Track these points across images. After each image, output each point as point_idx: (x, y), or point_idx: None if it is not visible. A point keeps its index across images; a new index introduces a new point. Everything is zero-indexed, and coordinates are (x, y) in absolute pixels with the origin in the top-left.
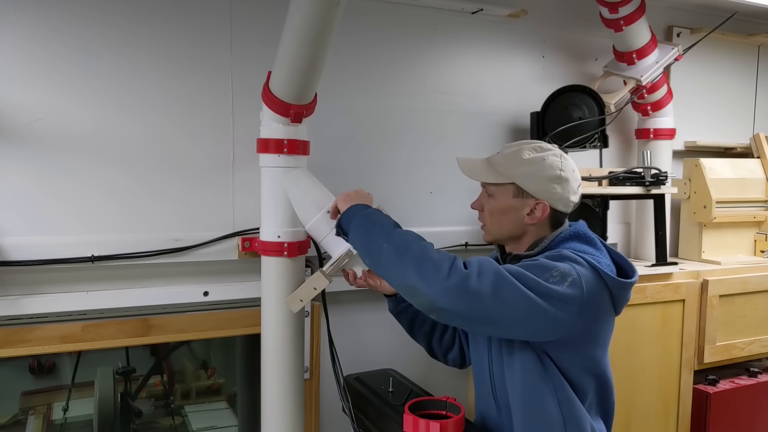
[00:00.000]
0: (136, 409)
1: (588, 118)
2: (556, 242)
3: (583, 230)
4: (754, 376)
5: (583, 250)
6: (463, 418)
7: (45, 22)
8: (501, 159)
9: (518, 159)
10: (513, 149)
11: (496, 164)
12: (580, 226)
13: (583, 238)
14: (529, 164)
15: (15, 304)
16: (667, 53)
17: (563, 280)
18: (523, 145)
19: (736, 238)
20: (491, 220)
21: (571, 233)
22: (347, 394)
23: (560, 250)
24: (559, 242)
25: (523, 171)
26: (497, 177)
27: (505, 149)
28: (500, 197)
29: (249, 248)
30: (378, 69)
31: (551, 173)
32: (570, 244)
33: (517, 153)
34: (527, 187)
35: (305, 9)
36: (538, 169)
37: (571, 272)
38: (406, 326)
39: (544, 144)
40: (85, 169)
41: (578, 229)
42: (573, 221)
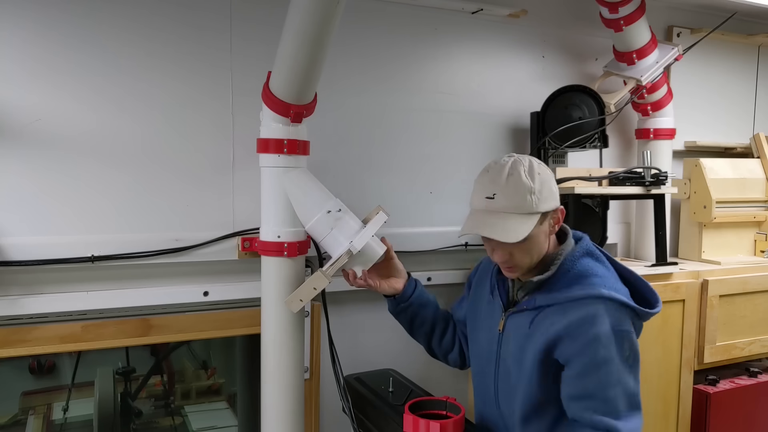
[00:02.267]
0: (136, 409)
1: (588, 118)
2: (571, 261)
3: (591, 248)
4: (754, 376)
5: (594, 272)
6: (463, 418)
7: (45, 22)
8: (514, 202)
9: (529, 189)
10: (512, 186)
11: (514, 210)
12: (588, 244)
13: (594, 256)
14: (540, 186)
15: (15, 304)
16: (667, 53)
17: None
18: (509, 170)
19: (736, 238)
20: (528, 260)
21: (583, 251)
22: (347, 394)
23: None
24: (573, 261)
25: (539, 197)
26: (529, 220)
27: (502, 186)
28: (533, 235)
29: (249, 248)
30: (378, 69)
31: (548, 175)
32: (584, 263)
33: (521, 187)
34: (548, 206)
35: (305, 9)
36: (546, 184)
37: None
38: (406, 326)
39: (512, 161)
40: (85, 169)
41: (588, 247)
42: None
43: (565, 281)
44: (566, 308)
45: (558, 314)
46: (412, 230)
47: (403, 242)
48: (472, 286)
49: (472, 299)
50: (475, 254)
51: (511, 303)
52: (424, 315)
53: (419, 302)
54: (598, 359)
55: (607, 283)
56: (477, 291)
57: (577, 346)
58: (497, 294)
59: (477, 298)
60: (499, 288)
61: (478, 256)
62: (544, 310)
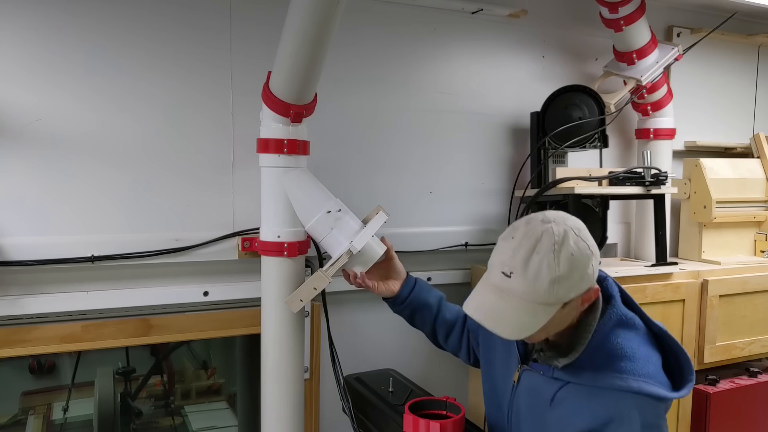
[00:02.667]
0: (136, 409)
1: (588, 118)
2: (600, 337)
3: (623, 312)
4: (754, 376)
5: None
6: (463, 418)
7: (45, 21)
8: (531, 288)
9: (554, 277)
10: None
11: (529, 297)
12: (619, 309)
13: (626, 324)
14: (570, 275)
15: (15, 304)
16: (667, 53)
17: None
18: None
19: (736, 238)
20: (544, 335)
21: (614, 321)
22: (347, 394)
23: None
24: (603, 338)
25: (566, 286)
26: (546, 312)
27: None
28: (551, 321)
29: (249, 248)
30: (378, 69)
31: (586, 261)
32: (614, 339)
33: (545, 272)
34: (576, 294)
35: (305, 9)
36: (578, 272)
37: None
38: (409, 323)
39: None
40: (85, 169)
41: (620, 314)
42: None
43: (591, 361)
44: (593, 397)
45: (584, 402)
46: (412, 230)
47: (403, 242)
48: None
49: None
50: (475, 254)
51: (528, 353)
52: (423, 317)
53: (416, 305)
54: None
55: (638, 367)
56: None
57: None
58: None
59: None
60: None
61: (478, 256)
62: (567, 387)
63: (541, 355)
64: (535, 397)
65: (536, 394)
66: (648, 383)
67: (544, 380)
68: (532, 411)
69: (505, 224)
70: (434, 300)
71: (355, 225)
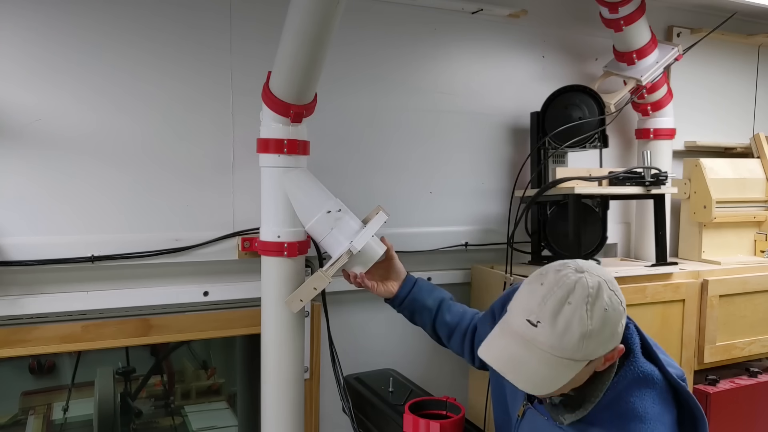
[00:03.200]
0: (136, 409)
1: (588, 118)
2: (613, 395)
3: (642, 369)
4: (754, 376)
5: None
6: (463, 418)
7: (45, 22)
8: (559, 342)
9: (584, 332)
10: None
11: (555, 351)
12: (638, 365)
13: (643, 381)
14: (601, 330)
15: (15, 304)
16: (667, 53)
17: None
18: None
19: (736, 238)
20: (559, 391)
21: (632, 378)
22: (347, 394)
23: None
24: (617, 395)
25: (596, 342)
26: (571, 368)
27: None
28: (572, 378)
29: (249, 248)
30: (377, 69)
31: (617, 318)
32: (628, 397)
33: (575, 325)
34: (604, 352)
35: (305, 9)
36: (610, 329)
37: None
38: (410, 321)
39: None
40: (85, 169)
41: (638, 370)
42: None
43: (600, 418)
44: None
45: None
46: (412, 230)
47: (403, 242)
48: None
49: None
50: (475, 254)
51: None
52: (422, 319)
53: (414, 306)
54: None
55: (648, 429)
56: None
57: None
58: None
59: None
60: None
61: (478, 256)
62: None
63: (547, 404)
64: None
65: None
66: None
67: (547, 426)
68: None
69: (505, 224)
70: (433, 302)
71: (355, 225)
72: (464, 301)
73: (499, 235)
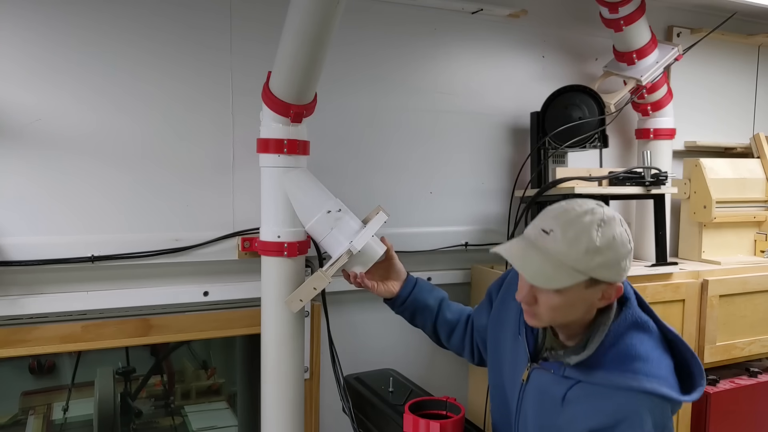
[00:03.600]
0: (136, 409)
1: (588, 118)
2: (614, 336)
3: (638, 314)
4: (754, 376)
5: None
6: (463, 418)
7: (45, 22)
8: (568, 248)
9: (591, 248)
10: (576, 232)
11: (563, 256)
12: (634, 310)
13: (640, 326)
14: (605, 251)
15: (15, 304)
16: (667, 53)
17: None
18: (584, 223)
19: (736, 238)
20: (552, 315)
21: (631, 322)
22: (347, 394)
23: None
24: (617, 336)
25: (599, 261)
26: (570, 276)
27: (561, 230)
28: (570, 292)
29: (249, 248)
30: (377, 68)
31: (624, 251)
32: (628, 339)
33: (586, 239)
34: (604, 276)
35: (305, 9)
36: (614, 254)
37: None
38: (409, 322)
39: (597, 208)
40: (85, 169)
41: (635, 316)
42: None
43: (604, 360)
44: (605, 397)
45: (596, 401)
46: (412, 230)
47: (403, 242)
48: (495, 302)
49: (495, 318)
50: (475, 254)
51: (538, 351)
52: (423, 318)
53: (416, 306)
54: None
55: (651, 368)
56: (501, 311)
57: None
58: (524, 335)
59: (500, 320)
60: (526, 332)
61: (478, 256)
62: (578, 386)
63: (552, 353)
64: (545, 397)
65: (546, 394)
66: (661, 385)
67: (554, 379)
68: (541, 411)
69: (505, 224)
70: (434, 301)
71: (355, 225)
72: (464, 301)
73: (499, 235)
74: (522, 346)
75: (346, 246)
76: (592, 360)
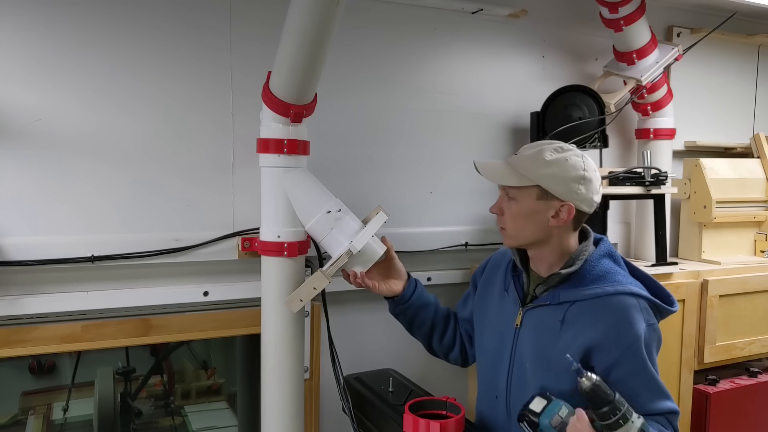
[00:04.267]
0: (136, 409)
1: (588, 118)
2: (593, 259)
3: (612, 249)
4: (754, 376)
5: (617, 272)
6: (463, 418)
7: (45, 22)
8: (522, 161)
9: (540, 160)
10: (533, 150)
11: (517, 166)
12: (608, 246)
13: (613, 258)
14: (553, 165)
15: (15, 304)
16: (667, 53)
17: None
18: (543, 146)
19: (736, 238)
20: (513, 225)
21: (604, 252)
22: (347, 394)
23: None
24: (595, 261)
25: (546, 172)
26: (520, 179)
27: (525, 150)
28: (523, 200)
29: (249, 248)
30: (378, 68)
31: (575, 174)
32: (605, 263)
33: (538, 154)
34: (552, 188)
35: (305, 9)
36: (561, 170)
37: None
38: (406, 327)
39: (564, 144)
40: (85, 169)
41: (609, 249)
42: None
43: (589, 279)
44: (600, 305)
45: (592, 313)
46: (412, 230)
47: (403, 242)
48: (479, 284)
49: (480, 296)
50: (475, 254)
51: (527, 298)
52: (424, 316)
53: (418, 304)
54: (642, 359)
55: (630, 280)
56: (485, 288)
57: (619, 353)
58: (512, 289)
59: (485, 294)
60: (514, 283)
61: (477, 255)
62: (576, 305)
63: (542, 287)
64: (543, 326)
65: (543, 323)
66: (641, 290)
67: (550, 309)
68: (540, 342)
69: None
70: (433, 299)
71: (355, 225)
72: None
73: (499, 235)
74: (510, 298)
75: (346, 246)
76: (577, 280)
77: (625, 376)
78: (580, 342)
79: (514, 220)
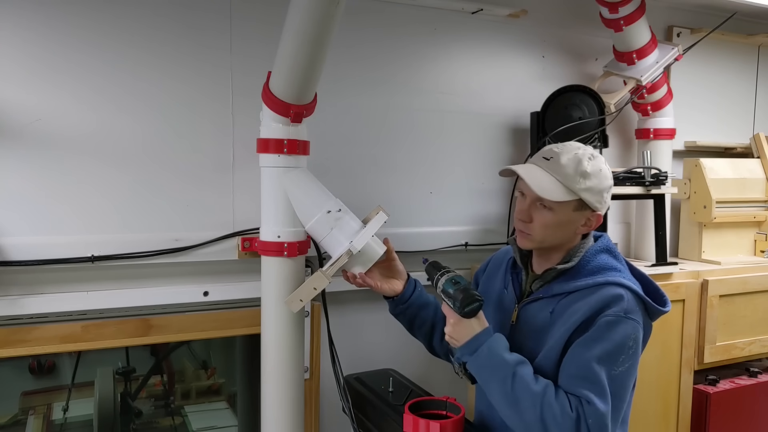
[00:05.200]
0: (136, 409)
1: (588, 118)
2: (590, 254)
3: (611, 245)
4: (754, 376)
5: (613, 266)
6: (463, 418)
7: (45, 22)
8: (562, 169)
9: (582, 172)
10: (569, 156)
11: (560, 176)
12: (608, 241)
13: (612, 253)
14: (593, 177)
15: (15, 304)
16: (667, 53)
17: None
18: (577, 152)
19: (736, 238)
20: (543, 233)
21: (602, 247)
22: (347, 394)
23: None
24: (593, 255)
25: (588, 185)
26: (566, 194)
27: (560, 155)
28: (561, 212)
29: (249, 248)
30: (377, 69)
31: (607, 184)
32: (603, 258)
33: (578, 164)
34: (589, 200)
35: (305, 9)
36: (599, 182)
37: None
38: (406, 326)
39: (589, 148)
40: (85, 169)
41: (608, 244)
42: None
43: (584, 273)
44: (587, 294)
45: (580, 300)
46: (412, 230)
47: (403, 242)
48: (481, 282)
49: (483, 291)
50: (475, 254)
51: (524, 294)
52: (424, 316)
53: (419, 303)
54: (599, 338)
55: (625, 276)
56: (487, 287)
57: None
58: (511, 287)
59: (486, 293)
60: (513, 281)
61: (478, 255)
62: (566, 297)
63: (538, 282)
64: (535, 321)
65: (534, 318)
66: (635, 285)
67: (543, 303)
68: (532, 336)
69: (505, 224)
70: (433, 299)
71: (355, 225)
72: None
73: (499, 235)
74: (509, 295)
75: (346, 246)
76: (572, 275)
77: (575, 345)
78: (568, 326)
79: (545, 228)
